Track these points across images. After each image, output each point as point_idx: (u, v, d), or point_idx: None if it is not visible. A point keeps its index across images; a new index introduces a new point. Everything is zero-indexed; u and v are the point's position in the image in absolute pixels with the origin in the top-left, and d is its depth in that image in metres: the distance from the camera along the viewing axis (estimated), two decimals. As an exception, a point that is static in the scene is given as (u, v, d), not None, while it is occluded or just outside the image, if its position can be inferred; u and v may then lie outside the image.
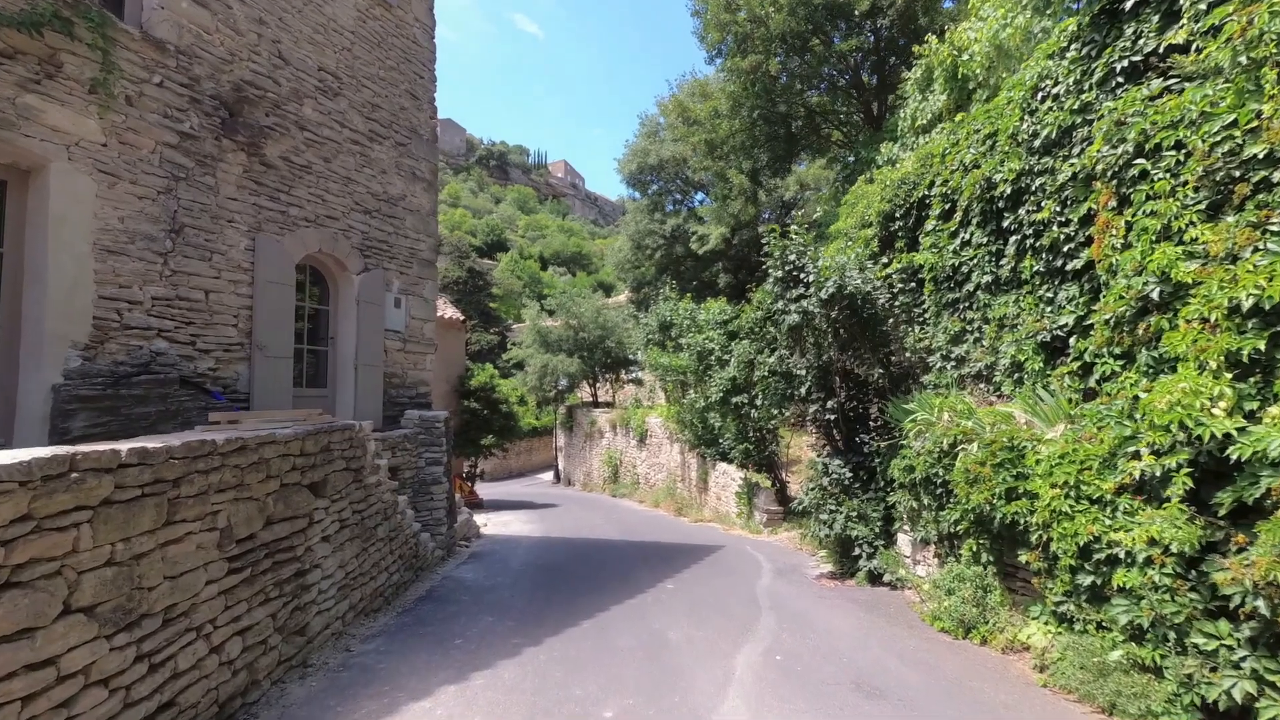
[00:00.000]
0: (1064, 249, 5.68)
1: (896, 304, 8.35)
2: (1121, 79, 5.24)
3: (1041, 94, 6.13)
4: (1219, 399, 3.60)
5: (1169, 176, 4.51)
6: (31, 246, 4.93)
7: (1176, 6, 4.83)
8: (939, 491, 6.04)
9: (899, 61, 18.17)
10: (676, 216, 27.74)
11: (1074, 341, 5.45)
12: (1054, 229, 5.76)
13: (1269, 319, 3.62)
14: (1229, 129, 4.07)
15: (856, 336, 8.37)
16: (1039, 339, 5.86)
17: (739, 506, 12.31)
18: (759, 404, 10.24)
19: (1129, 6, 5.16)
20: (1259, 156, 3.89)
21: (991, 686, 4.43)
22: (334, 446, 5.20)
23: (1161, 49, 4.89)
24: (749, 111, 20.47)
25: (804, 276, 8.40)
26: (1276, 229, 3.73)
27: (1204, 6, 4.53)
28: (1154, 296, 4.38)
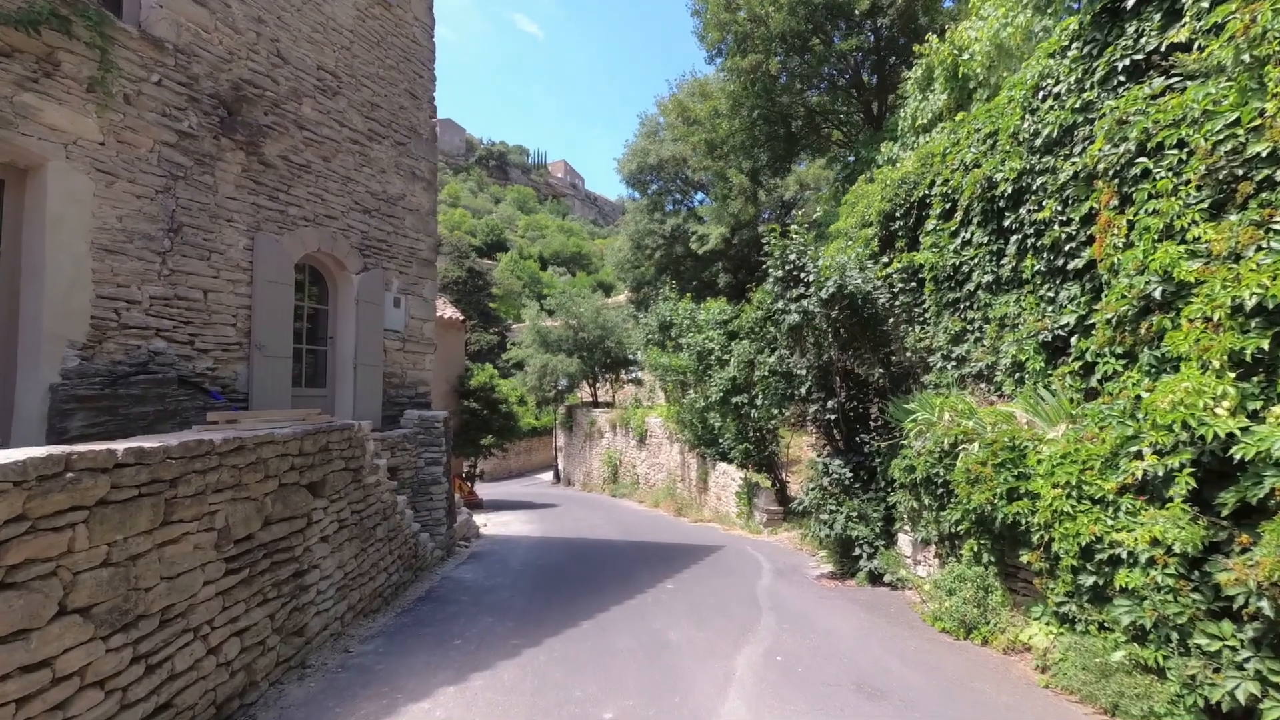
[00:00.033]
0: (1065, 248, 5.66)
1: (897, 304, 8.33)
2: (1123, 78, 5.22)
3: (1042, 93, 6.11)
4: (1222, 398, 3.58)
5: (1171, 175, 4.49)
6: (29, 246, 4.91)
7: (1178, 5, 4.82)
8: (940, 492, 6.02)
9: (899, 61, 18.17)
10: (676, 216, 27.74)
11: (1075, 341, 5.44)
12: (1055, 228, 5.74)
13: (1272, 318, 3.61)
14: (1232, 127, 4.05)
15: (857, 336, 8.36)
16: (1040, 338, 5.84)
17: (739, 506, 12.29)
18: (759, 404, 10.23)
19: (1130, 5, 5.15)
20: (1262, 155, 3.88)
21: (993, 687, 4.41)
22: (333, 446, 5.18)
23: (1163, 47, 4.87)
24: (749, 111, 20.47)
25: (804, 276, 8.39)
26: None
27: (1206, 4, 4.51)
28: (1156, 296, 4.37)
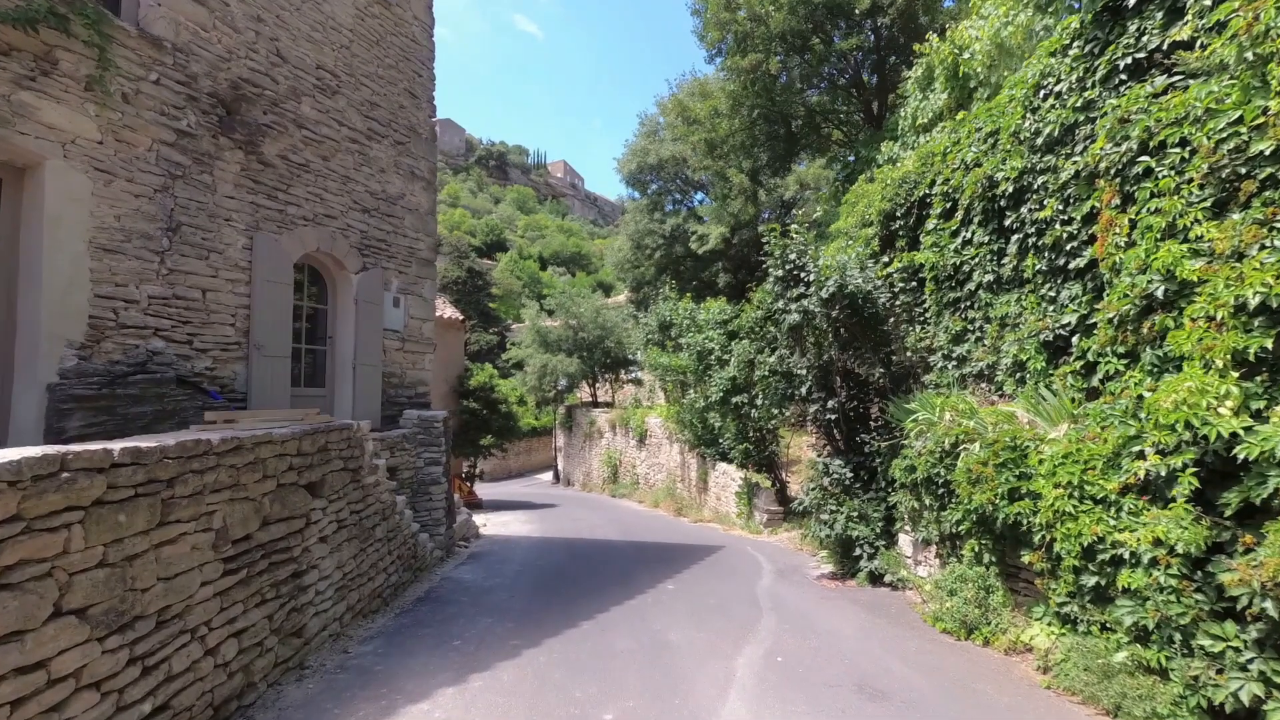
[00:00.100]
0: (1067, 247, 5.64)
1: (897, 303, 8.31)
2: (1125, 76, 5.20)
3: (1044, 92, 6.09)
4: (1225, 398, 3.56)
5: (1173, 174, 4.47)
6: (27, 245, 4.89)
7: (1180, 3, 4.79)
8: (940, 492, 6.00)
9: (899, 60, 18.16)
10: (676, 216, 27.73)
11: (1077, 340, 5.42)
12: (1056, 227, 5.72)
13: (1276, 317, 3.59)
14: (1235, 125, 4.03)
15: (857, 336, 8.34)
16: (1041, 338, 5.82)
17: (739, 507, 12.27)
18: (759, 404, 10.21)
19: (1132, 3, 5.13)
20: (1265, 153, 3.85)
21: (995, 688, 4.39)
22: (331, 446, 5.16)
23: (1165, 45, 4.85)
24: (749, 111, 20.46)
25: (804, 276, 8.37)
26: (1283, 226, 3.70)
27: (1208, 2, 4.49)
28: (1158, 295, 4.35)
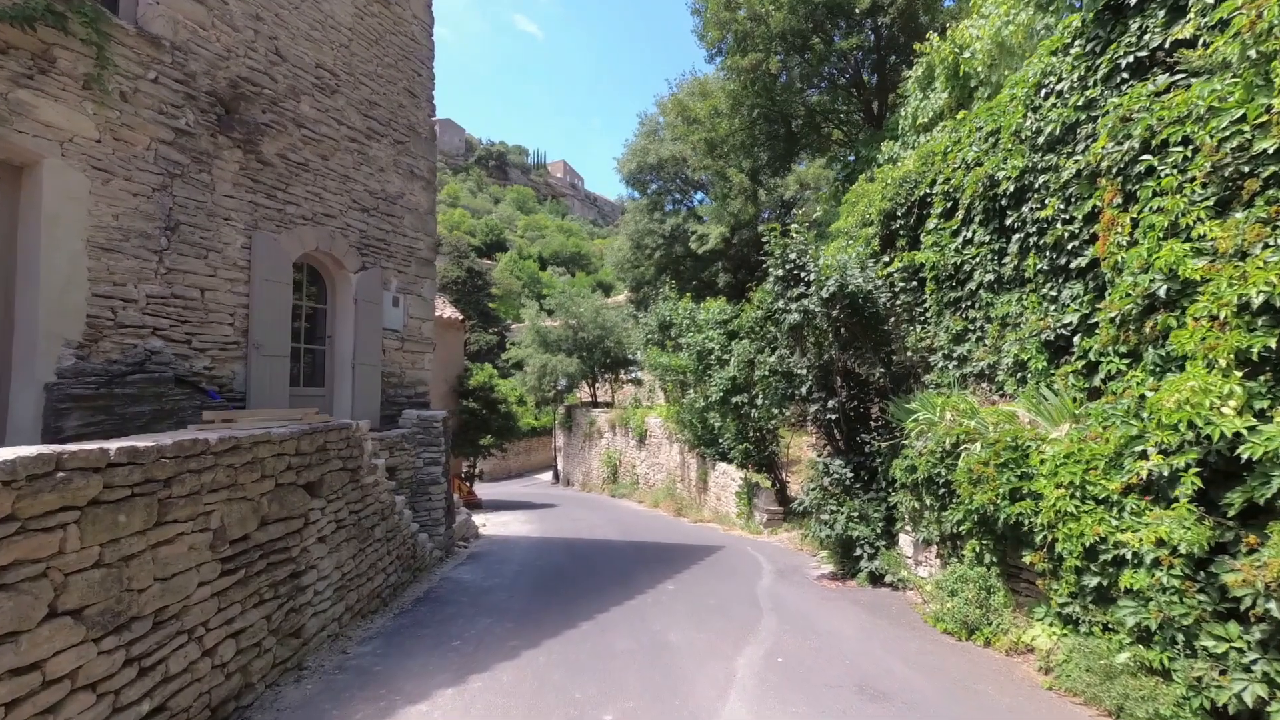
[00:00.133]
0: (1068, 246, 5.62)
1: (898, 303, 8.29)
2: (1126, 75, 5.18)
3: (1045, 90, 6.08)
4: (1229, 397, 3.54)
5: (1176, 173, 4.45)
6: (24, 244, 4.87)
7: (1182, 1, 4.78)
8: (941, 492, 5.98)
9: (900, 60, 18.15)
10: (676, 216, 27.70)
11: (1078, 340, 5.40)
12: (1058, 226, 5.70)
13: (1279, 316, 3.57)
14: (1238, 124, 4.01)
15: (858, 335, 8.32)
16: (1042, 338, 5.80)
17: (739, 507, 12.25)
18: (759, 404, 10.19)
19: (1134, 2, 5.12)
20: (1269, 151, 3.84)
21: (996, 689, 4.37)
22: (330, 446, 5.14)
23: (1167, 44, 4.84)
24: (749, 110, 20.44)
25: (805, 275, 8.35)
26: (1286, 225, 3.68)
27: (1211, 0, 4.47)
28: (1161, 294, 4.33)
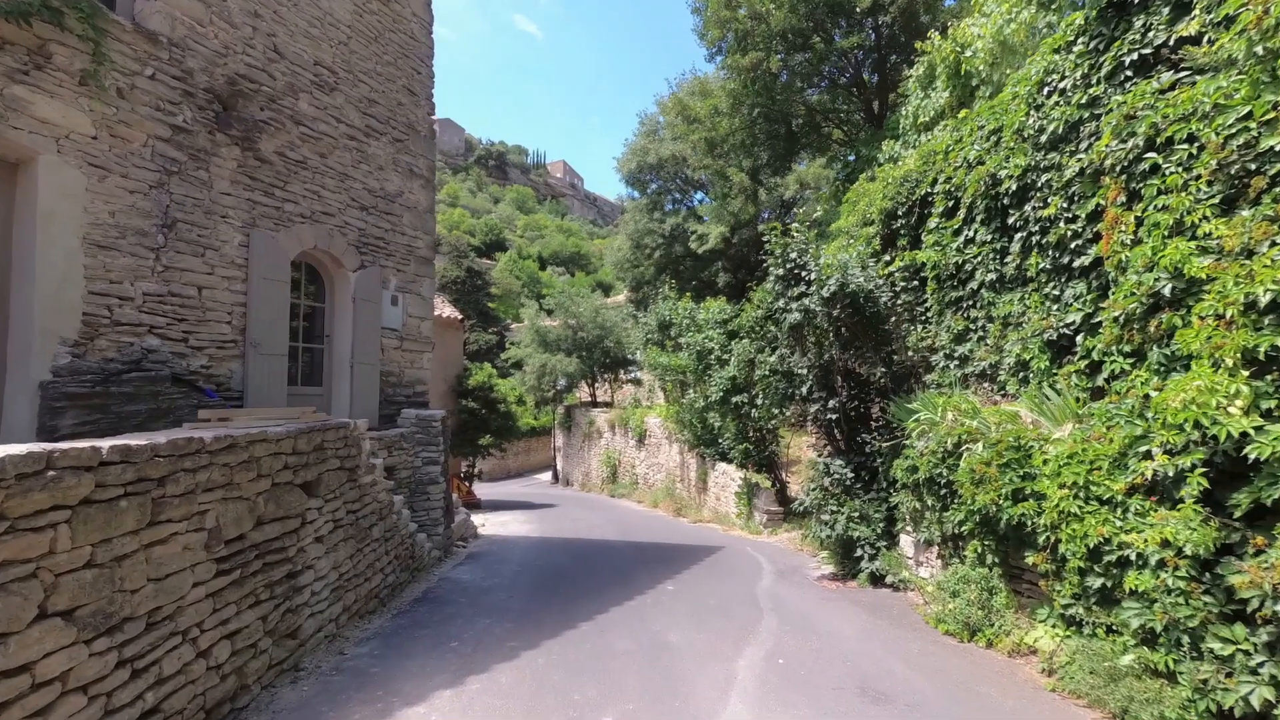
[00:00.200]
0: (1071, 245, 5.58)
1: (899, 302, 8.26)
2: (1130, 72, 5.15)
3: (1047, 89, 6.05)
4: (1235, 397, 3.50)
5: (1181, 170, 4.42)
6: (19, 241, 4.83)
7: (1186, -2, 4.75)
8: (943, 492, 5.94)
9: (900, 59, 18.12)
10: (676, 215, 27.64)
11: (1081, 340, 5.36)
12: (1061, 225, 5.67)
13: (1286, 315, 3.53)
14: (1244, 121, 3.98)
15: (858, 335, 8.28)
16: (1045, 337, 5.76)
17: (739, 507, 12.21)
18: (759, 403, 10.15)
19: (1137, -1, 5.08)
20: (1276, 149, 3.80)
21: (999, 691, 4.34)
22: (328, 445, 5.10)
23: (1172, 41, 4.80)
24: (749, 109, 20.39)
25: (805, 274, 8.32)
26: (1293, 223, 3.64)
27: (1216, -3, 4.44)
28: (1166, 293, 4.29)
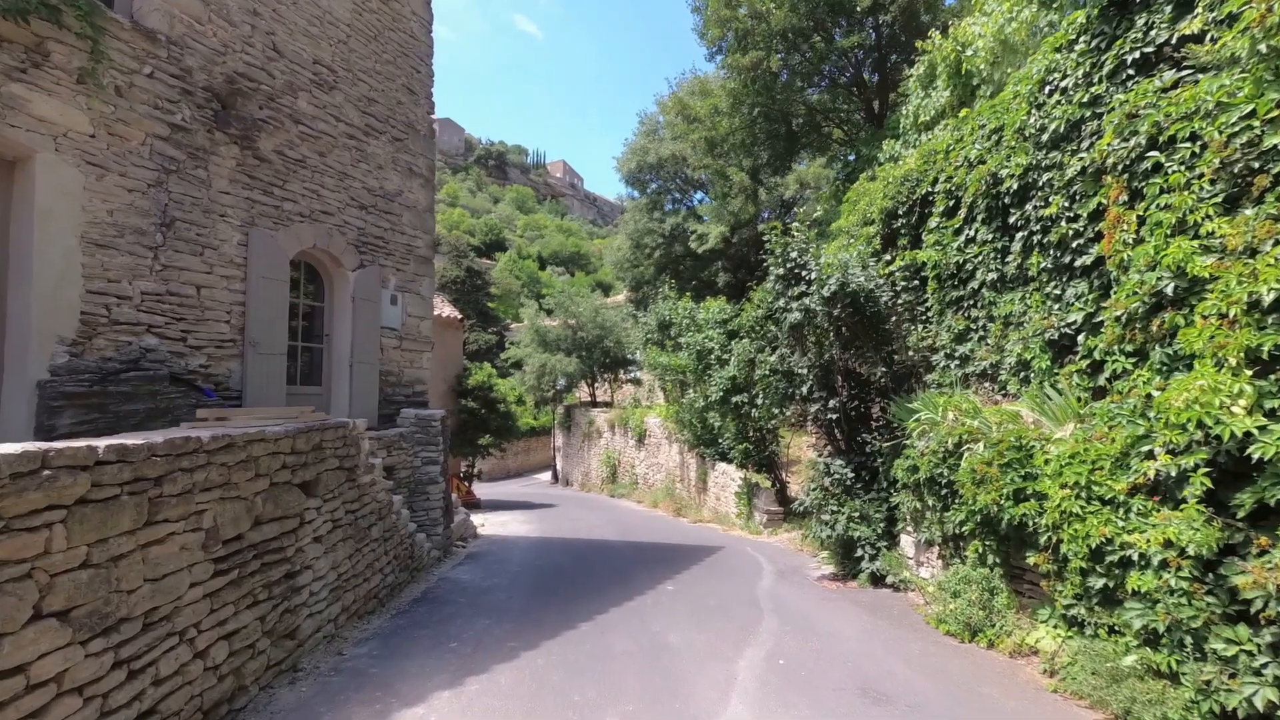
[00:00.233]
0: (1073, 245, 5.56)
1: (899, 302, 8.23)
2: (1132, 71, 5.12)
3: (1049, 87, 6.02)
4: (1238, 396, 3.48)
5: (1184, 169, 4.40)
6: (17, 239, 4.81)
7: (1189, -4, 4.73)
8: (944, 492, 5.92)
9: (901, 59, 18.10)
10: (676, 215, 27.61)
11: (1083, 339, 5.34)
12: (1062, 224, 5.65)
13: (1290, 314, 3.51)
14: (1247, 119, 3.96)
15: (859, 335, 8.26)
16: (1046, 337, 5.75)
17: (739, 507, 12.19)
18: (759, 403, 10.13)
19: (1140, -3, 5.06)
20: (1279, 147, 3.78)
21: (1000, 692, 4.32)
22: (326, 445, 5.08)
23: (1174, 39, 4.78)
24: (749, 109, 20.38)
25: (806, 274, 8.30)
26: (1297, 222, 3.63)
27: (1219, -5, 4.42)
28: (1168, 292, 4.27)
